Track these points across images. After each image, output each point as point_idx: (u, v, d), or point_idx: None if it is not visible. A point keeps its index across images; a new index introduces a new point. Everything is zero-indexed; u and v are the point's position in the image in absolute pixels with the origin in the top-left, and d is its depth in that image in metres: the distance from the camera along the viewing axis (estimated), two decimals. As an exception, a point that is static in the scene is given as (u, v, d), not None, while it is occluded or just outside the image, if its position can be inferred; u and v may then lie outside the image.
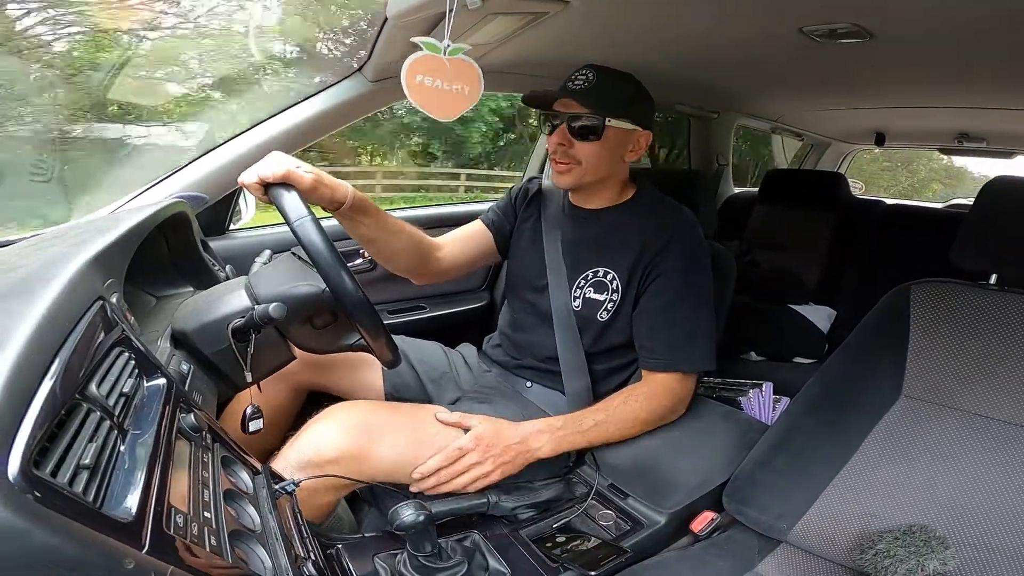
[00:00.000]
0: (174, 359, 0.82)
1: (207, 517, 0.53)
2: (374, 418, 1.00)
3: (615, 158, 1.13)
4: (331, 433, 0.96)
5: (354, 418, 0.99)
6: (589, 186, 1.17)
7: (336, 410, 1.01)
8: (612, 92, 1.08)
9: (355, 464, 0.95)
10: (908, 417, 0.98)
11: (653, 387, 1.11)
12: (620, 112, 1.08)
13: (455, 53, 0.89)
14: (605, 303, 1.14)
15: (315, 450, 0.94)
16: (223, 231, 1.50)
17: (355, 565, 0.83)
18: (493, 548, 0.91)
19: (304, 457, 0.94)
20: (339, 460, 0.94)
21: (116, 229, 0.80)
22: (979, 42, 1.10)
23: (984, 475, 0.88)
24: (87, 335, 0.54)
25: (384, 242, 1.09)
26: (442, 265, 1.23)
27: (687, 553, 0.99)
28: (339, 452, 0.94)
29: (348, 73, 1.34)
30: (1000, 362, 0.94)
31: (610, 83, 1.08)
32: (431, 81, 0.90)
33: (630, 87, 1.12)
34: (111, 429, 0.50)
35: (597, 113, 1.07)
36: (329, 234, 0.84)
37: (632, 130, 1.11)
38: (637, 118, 1.11)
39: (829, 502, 0.96)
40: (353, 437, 0.96)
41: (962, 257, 1.00)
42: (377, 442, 0.97)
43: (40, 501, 0.37)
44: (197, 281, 1.11)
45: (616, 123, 1.08)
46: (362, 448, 0.96)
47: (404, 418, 1.04)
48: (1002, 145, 2.74)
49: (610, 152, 1.11)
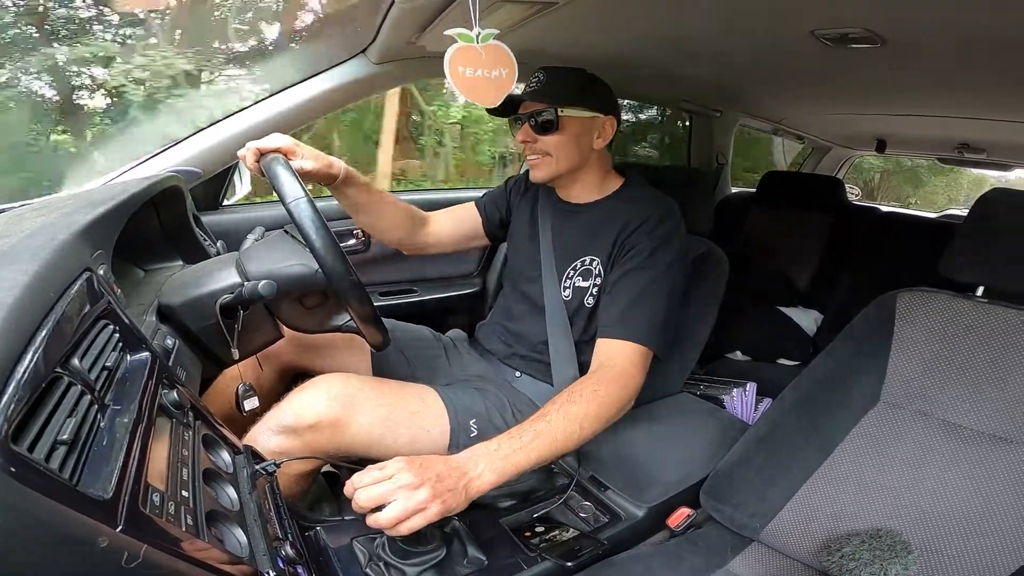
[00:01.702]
0: (159, 333, 0.82)
1: (184, 496, 0.53)
2: (359, 390, 1.01)
3: (582, 146, 1.16)
4: (313, 401, 0.97)
5: (336, 388, 1.00)
6: (565, 178, 1.20)
7: (323, 379, 1.02)
8: (562, 85, 1.13)
9: (333, 433, 0.96)
10: (885, 423, 0.99)
11: (600, 373, 1.03)
12: (572, 101, 1.13)
13: (487, 39, 0.89)
14: (590, 288, 1.16)
15: (295, 416, 0.95)
16: (216, 206, 1.49)
17: (334, 547, 0.84)
18: (472, 535, 0.92)
19: (284, 423, 0.95)
20: (318, 427, 0.95)
21: (108, 201, 0.79)
22: (988, 52, 1.10)
23: (953, 483, 0.89)
24: (72, 306, 0.54)
25: (376, 212, 1.18)
26: (430, 238, 1.30)
27: (662, 548, 1.00)
28: (318, 418, 0.95)
29: (351, 54, 1.33)
30: (980, 373, 0.95)
31: (560, 78, 1.13)
32: (472, 71, 0.90)
33: (580, 78, 1.16)
34: (91, 404, 0.50)
35: (550, 105, 1.12)
36: (324, 214, 0.84)
37: (592, 117, 1.15)
38: (593, 105, 1.14)
39: (802, 503, 0.98)
40: (333, 406, 0.97)
41: (951, 268, 1.01)
42: (357, 413, 0.98)
43: (15, 476, 0.36)
44: (188, 255, 1.10)
45: (570, 112, 1.12)
46: (339, 417, 0.96)
47: (388, 393, 1.04)
48: (1002, 157, 2.75)
49: (574, 141, 1.15)
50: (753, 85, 1.93)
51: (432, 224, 1.31)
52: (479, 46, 0.89)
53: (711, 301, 1.36)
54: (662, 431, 1.19)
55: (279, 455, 0.93)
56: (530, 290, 1.24)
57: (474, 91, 0.90)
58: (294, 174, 0.87)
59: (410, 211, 1.25)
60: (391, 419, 1.01)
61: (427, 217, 1.30)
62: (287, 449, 0.94)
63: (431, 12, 1.07)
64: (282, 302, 0.93)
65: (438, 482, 0.77)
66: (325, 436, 0.96)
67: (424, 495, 0.75)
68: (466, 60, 0.89)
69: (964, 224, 1.01)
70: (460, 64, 0.88)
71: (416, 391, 1.08)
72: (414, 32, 1.19)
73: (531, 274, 1.24)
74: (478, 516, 0.99)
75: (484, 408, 1.11)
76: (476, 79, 0.90)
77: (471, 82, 0.90)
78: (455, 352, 1.33)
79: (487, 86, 0.91)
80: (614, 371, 1.03)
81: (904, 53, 1.17)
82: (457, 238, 1.35)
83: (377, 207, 1.18)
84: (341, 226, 1.60)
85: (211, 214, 1.45)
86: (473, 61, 0.89)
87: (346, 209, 1.18)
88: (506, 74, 0.92)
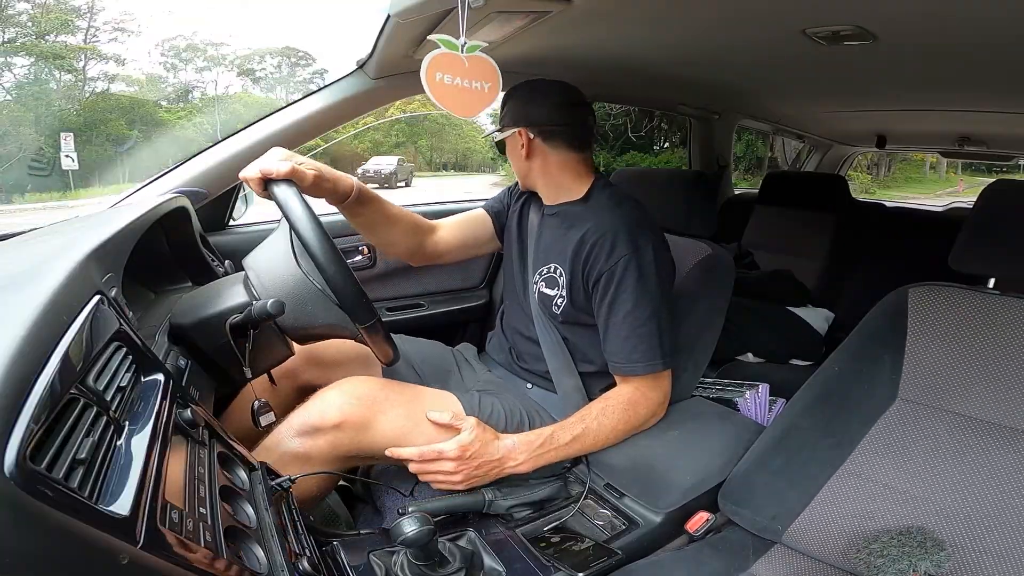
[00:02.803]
0: (172, 354, 0.82)
1: (202, 513, 0.53)
2: (381, 392, 1.03)
3: (518, 159, 1.20)
4: (338, 400, 0.99)
5: (360, 389, 1.02)
6: (532, 187, 1.24)
7: (346, 381, 1.04)
8: (501, 112, 1.20)
9: (356, 433, 0.98)
10: (904, 420, 0.98)
11: (626, 394, 1.11)
12: (502, 124, 1.19)
13: (472, 50, 0.89)
14: (555, 298, 1.15)
15: (320, 415, 0.97)
16: (223, 226, 1.50)
17: (350, 562, 0.83)
18: (489, 547, 0.91)
19: (309, 422, 0.97)
20: (343, 426, 0.97)
21: (116, 223, 0.80)
22: (982, 45, 1.10)
23: (980, 478, 0.88)
24: (85, 329, 0.54)
25: (385, 229, 1.17)
26: (440, 246, 1.29)
27: (682, 554, 0.99)
28: (343, 418, 0.97)
29: (350, 70, 1.34)
30: (997, 366, 0.94)
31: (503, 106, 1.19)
32: (451, 79, 0.89)
33: (505, 98, 1.20)
34: (107, 424, 0.50)
35: (494, 133, 1.21)
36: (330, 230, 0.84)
37: (512, 134, 1.17)
38: (508, 122, 1.18)
39: (824, 503, 0.96)
40: (358, 407, 0.99)
41: (961, 261, 1.00)
42: (380, 413, 1.00)
43: (35, 496, 0.36)
44: (196, 276, 1.11)
45: (501, 135, 1.19)
46: (364, 418, 0.98)
47: (408, 394, 1.06)
48: (1003, 148, 2.75)
49: (514, 156, 1.21)
50: (750, 86, 1.93)
51: (441, 231, 1.29)
52: (463, 55, 0.89)
53: (718, 304, 1.35)
54: (676, 436, 1.18)
55: (302, 456, 0.95)
56: (522, 297, 1.25)
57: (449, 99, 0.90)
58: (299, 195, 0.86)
59: (417, 221, 1.24)
60: (412, 418, 1.03)
61: (434, 225, 1.29)
62: (310, 450, 0.96)
63: (427, 26, 1.08)
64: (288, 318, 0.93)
65: (476, 469, 1.00)
66: (348, 436, 0.97)
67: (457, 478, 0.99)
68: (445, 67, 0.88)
69: (970, 217, 1.01)
70: (439, 70, 0.88)
71: (435, 394, 1.11)
72: (411, 46, 1.21)
73: (521, 280, 1.26)
74: (494, 527, 0.98)
75: (502, 408, 1.12)
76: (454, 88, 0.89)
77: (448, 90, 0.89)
78: (467, 366, 1.33)
79: (465, 96, 0.90)
80: (638, 394, 1.12)
81: (897, 49, 1.18)
82: (463, 244, 1.33)
83: (388, 223, 1.16)
84: (347, 243, 1.61)
85: (218, 234, 1.46)
86: (453, 69, 0.89)
87: (356, 228, 1.16)
88: (488, 88, 0.92)
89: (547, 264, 1.17)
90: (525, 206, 1.29)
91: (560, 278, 1.15)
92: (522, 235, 1.28)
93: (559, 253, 1.15)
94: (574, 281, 1.12)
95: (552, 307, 1.16)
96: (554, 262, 1.16)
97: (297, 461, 0.95)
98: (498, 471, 1.02)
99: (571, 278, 1.13)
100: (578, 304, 1.13)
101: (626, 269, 1.06)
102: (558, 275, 1.15)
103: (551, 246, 1.18)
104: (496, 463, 1.02)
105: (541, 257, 1.20)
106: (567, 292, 1.13)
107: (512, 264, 1.30)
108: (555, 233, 1.18)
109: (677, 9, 1.08)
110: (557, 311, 1.15)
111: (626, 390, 1.12)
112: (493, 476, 1.02)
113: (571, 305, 1.13)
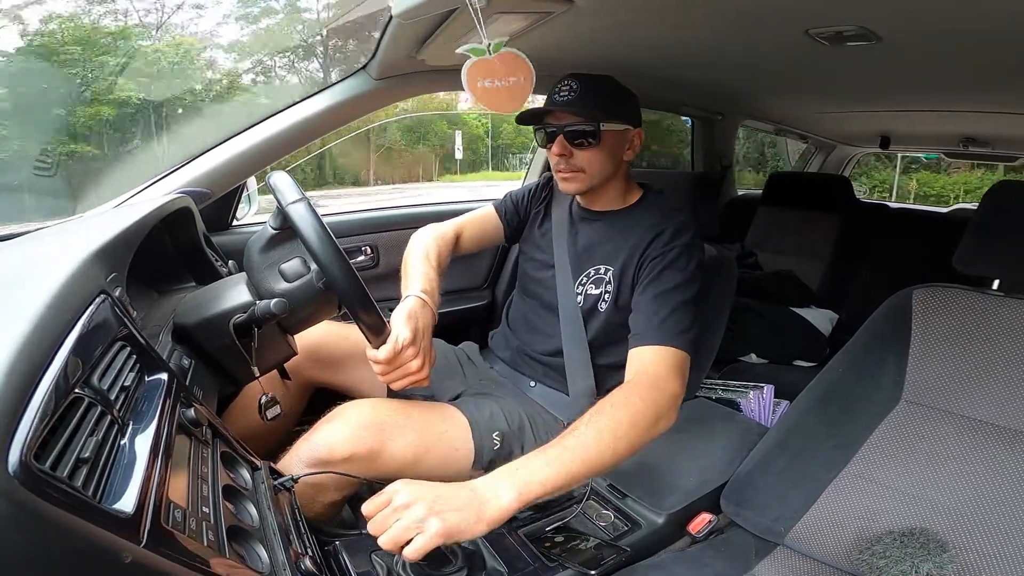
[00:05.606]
0: (175, 354, 0.83)
1: (205, 512, 0.53)
2: (386, 417, 1.01)
3: (614, 159, 1.14)
4: (343, 432, 0.97)
5: (365, 416, 1.00)
6: (594, 189, 1.18)
7: (347, 408, 1.02)
8: (599, 97, 1.09)
9: (367, 462, 0.96)
10: (908, 421, 0.97)
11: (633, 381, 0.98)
12: (611, 115, 1.10)
13: (498, 48, 0.91)
14: (603, 294, 1.16)
15: (328, 449, 0.95)
16: (226, 226, 1.50)
17: (353, 562, 0.83)
18: (491, 547, 0.91)
19: (317, 455, 0.95)
20: (352, 459, 0.95)
21: (120, 223, 0.80)
22: (985, 45, 1.10)
23: (984, 481, 0.87)
24: (89, 328, 0.54)
25: None
26: (459, 252, 1.29)
27: (684, 555, 0.99)
28: (352, 451, 0.95)
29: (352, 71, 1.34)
30: (1001, 368, 0.93)
31: (595, 88, 1.09)
32: (490, 83, 0.92)
33: (614, 88, 1.13)
34: (111, 423, 0.50)
35: (590, 120, 1.08)
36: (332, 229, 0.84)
37: (625, 129, 1.13)
38: (627, 117, 1.13)
39: (827, 505, 0.96)
40: (365, 436, 0.97)
41: (965, 262, 1.00)
42: (388, 441, 0.98)
43: (39, 495, 0.37)
44: (199, 276, 1.11)
45: (610, 126, 1.10)
46: (372, 448, 0.96)
47: (416, 416, 1.05)
48: (1007, 149, 2.74)
49: (609, 154, 1.12)
50: (753, 87, 1.93)
51: (462, 240, 1.29)
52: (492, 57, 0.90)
53: (721, 305, 1.34)
54: (679, 437, 1.18)
55: (313, 486, 0.93)
56: (544, 295, 1.24)
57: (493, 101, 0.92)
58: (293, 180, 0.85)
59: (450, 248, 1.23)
60: (422, 443, 1.01)
61: (455, 236, 1.27)
62: (320, 479, 0.93)
63: (429, 26, 1.08)
64: None
65: (437, 500, 0.73)
66: (357, 466, 0.96)
67: (420, 511, 0.71)
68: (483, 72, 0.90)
69: (974, 218, 1.01)
70: (478, 77, 0.90)
71: (440, 411, 1.09)
72: (414, 47, 1.21)
73: (545, 279, 1.24)
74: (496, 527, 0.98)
75: (504, 419, 1.11)
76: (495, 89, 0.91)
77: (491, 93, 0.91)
78: (469, 364, 1.33)
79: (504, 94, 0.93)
80: (648, 377, 0.97)
81: (902, 49, 1.17)
82: (481, 244, 1.34)
83: None
84: (349, 243, 1.61)
85: (221, 234, 1.46)
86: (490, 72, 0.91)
87: None
88: (523, 79, 0.94)
89: (596, 265, 1.17)
90: (550, 206, 1.29)
91: (607, 275, 1.15)
92: (548, 236, 1.26)
93: (612, 254, 1.16)
94: (624, 277, 1.13)
95: (599, 304, 1.16)
96: (605, 263, 1.16)
97: (309, 489, 0.94)
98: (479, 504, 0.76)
99: (621, 276, 1.14)
100: (621, 302, 1.14)
101: (680, 255, 1.08)
102: (607, 275, 1.16)
103: (595, 247, 1.19)
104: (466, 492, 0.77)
105: (589, 257, 1.19)
106: (615, 290, 1.14)
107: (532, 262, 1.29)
108: (604, 234, 1.19)
109: (679, 10, 1.08)
110: (604, 306, 1.16)
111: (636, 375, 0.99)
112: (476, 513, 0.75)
113: (614, 304, 1.14)
